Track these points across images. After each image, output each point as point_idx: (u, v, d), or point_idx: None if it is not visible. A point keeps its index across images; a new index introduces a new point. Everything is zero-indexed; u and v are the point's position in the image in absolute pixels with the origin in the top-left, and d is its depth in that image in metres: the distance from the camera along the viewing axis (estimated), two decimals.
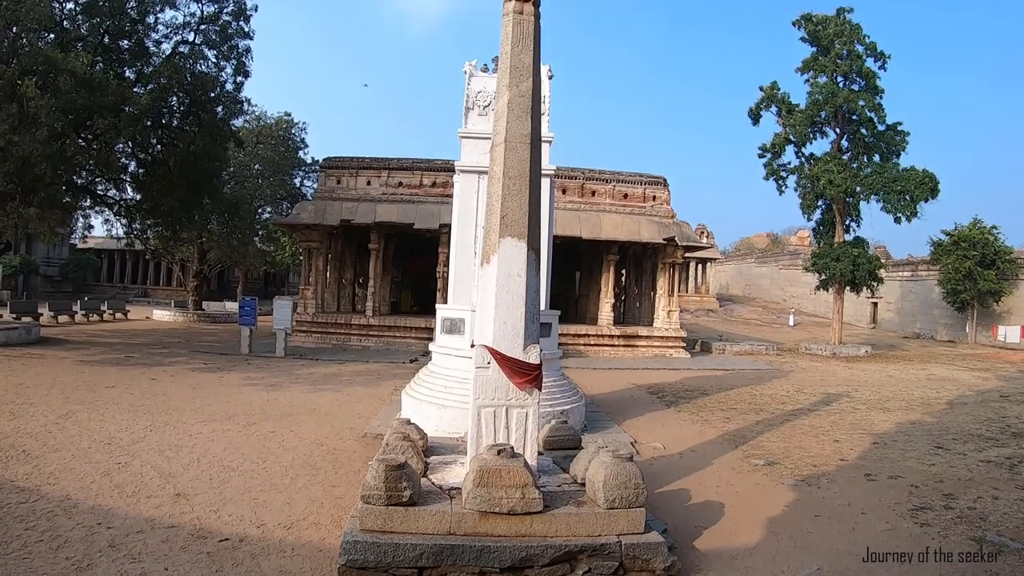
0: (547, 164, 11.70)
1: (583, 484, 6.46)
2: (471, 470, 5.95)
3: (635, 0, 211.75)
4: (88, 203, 26.08)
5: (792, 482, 8.80)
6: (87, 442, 9.65)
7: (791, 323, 46.24)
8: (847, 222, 31.70)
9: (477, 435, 6.44)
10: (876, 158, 30.94)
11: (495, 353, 6.41)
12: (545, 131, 11.84)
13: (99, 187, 24.84)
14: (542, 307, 8.85)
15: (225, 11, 24.35)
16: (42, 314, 28.77)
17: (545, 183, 10.82)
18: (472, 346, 6.70)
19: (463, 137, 12.42)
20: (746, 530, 7.01)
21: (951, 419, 13.98)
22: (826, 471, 9.42)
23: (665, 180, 28.60)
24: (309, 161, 44.19)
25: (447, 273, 14.26)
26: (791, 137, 31.93)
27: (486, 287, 6.76)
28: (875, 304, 47.94)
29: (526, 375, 6.43)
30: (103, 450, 9.27)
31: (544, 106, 12.07)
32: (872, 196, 29.75)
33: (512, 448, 6.10)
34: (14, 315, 26.89)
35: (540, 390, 6.59)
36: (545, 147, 11.93)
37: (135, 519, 6.75)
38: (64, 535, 6.25)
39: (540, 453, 7.10)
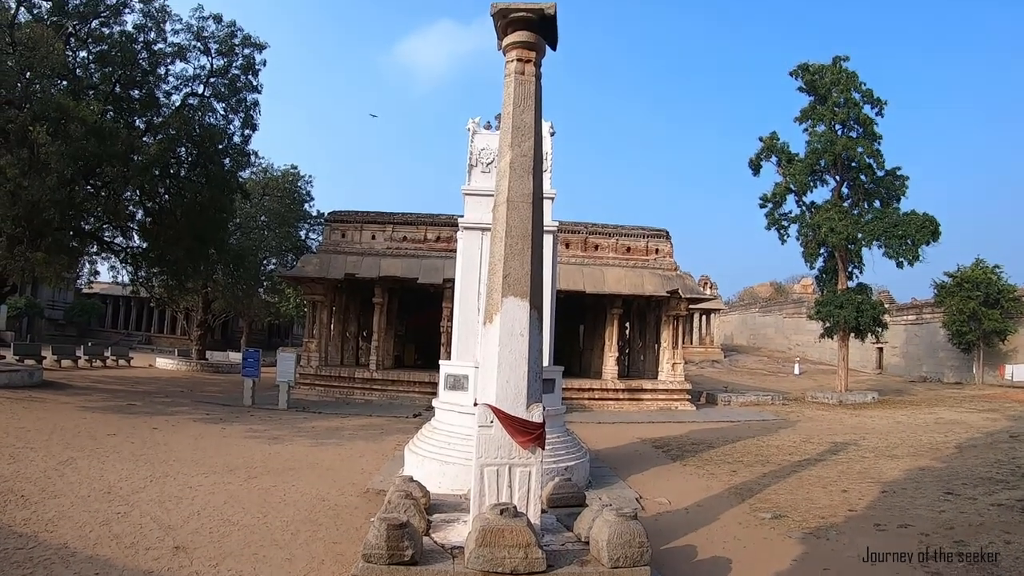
0: (549, 220, 11.82)
1: (587, 542, 6.43)
2: (473, 529, 5.93)
3: (637, 50, 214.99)
4: (95, 249, 26.28)
5: (800, 535, 8.70)
6: (87, 490, 9.59)
7: (797, 372, 46.09)
8: (849, 269, 31.81)
9: (480, 494, 6.41)
10: (876, 204, 31.24)
11: (498, 412, 6.43)
12: (547, 188, 11.96)
13: (106, 234, 25.07)
14: (545, 362, 8.85)
15: (234, 65, 24.89)
16: (45, 357, 28.68)
17: (548, 240, 10.93)
18: (475, 404, 6.71)
19: (467, 194, 12.56)
20: None
21: (960, 463, 13.86)
22: (834, 522, 9.31)
23: (667, 233, 28.77)
24: (314, 214, 44.70)
25: (451, 328, 14.29)
26: (791, 186, 32.28)
27: (489, 346, 6.79)
28: (880, 349, 47.78)
29: (529, 434, 6.44)
30: (103, 499, 9.21)
31: (546, 163, 12.21)
32: (874, 242, 29.93)
33: (515, 507, 6.07)
34: (17, 357, 26.89)
35: (543, 448, 6.59)
36: (547, 204, 12.04)
37: (133, 571, 6.69)
38: None
39: (544, 511, 7.07)
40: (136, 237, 25.57)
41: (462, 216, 12.59)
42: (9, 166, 17.47)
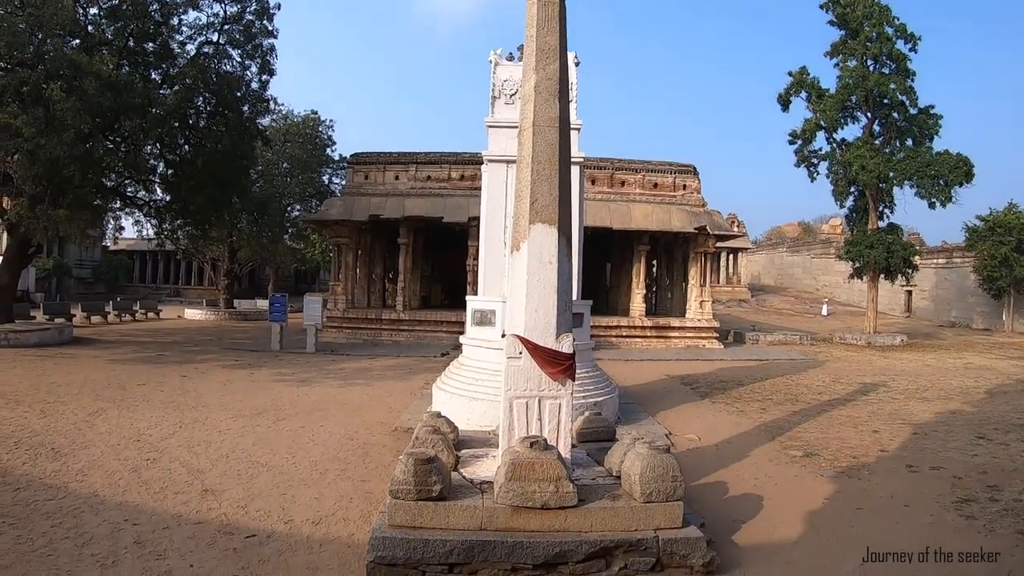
0: (576, 152, 11.50)
1: (618, 477, 6.28)
2: (503, 463, 5.80)
3: None
4: (118, 205, 26.28)
5: (831, 473, 8.60)
6: (116, 439, 9.64)
7: (824, 312, 45.58)
8: (880, 208, 31.07)
9: (509, 427, 6.26)
10: (909, 142, 30.27)
11: (527, 343, 6.23)
12: (573, 118, 11.59)
13: (128, 189, 25.01)
14: (574, 297, 8.66)
15: (248, 11, 24.42)
16: (75, 315, 28.90)
17: (574, 171, 10.61)
18: (503, 336, 6.52)
19: (490, 126, 12.26)
20: (786, 524, 6.81)
21: (991, 409, 13.61)
22: (866, 462, 9.19)
23: (695, 168, 28.29)
24: (337, 158, 44.29)
25: (477, 267, 14.14)
26: (822, 123, 31.40)
27: (516, 275, 6.57)
28: (909, 292, 46.96)
29: (559, 365, 6.24)
30: (132, 447, 9.25)
31: (571, 93, 11.86)
32: (905, 181, 29.10)
33: (545, 440, 5.93)
34: (47, 316, 27.12)
35: (574, 380, 6.41)
36: (573, 134, 11.67)
37: (162, 515, 6.70)
38: (90, 532, 6.19)
39: (573, 445, 6.89)
40: (158, 190, 25.46)
41: (486, 150, 12.34)
42: (25, 125, 17.27)
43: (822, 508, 7.29)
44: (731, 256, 56.96)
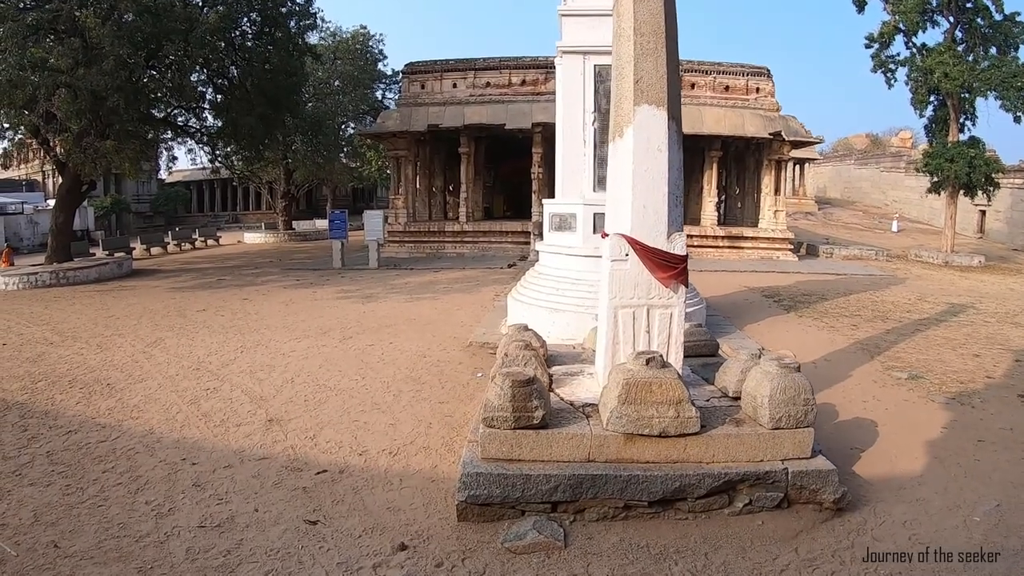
0: None
1: (735, 398, 5.57)
2: (612, 384, 5.03)
3: None
4: (169, 135, 25.89)
5: (943, 400, 7.88)
6: (175, 369, 9.24)
7: (895, 228, 43.69)
8: (961, 120, 29.04)
9: (613, 341, 5.53)
10: (992, 51, 28.08)
11: (634, 243, 5.42)
12: None
13: (179, 118, 24.64)
14: None
15: None
16: (134, 248, 28.83)
17: None
18: (604, 236, 5.68)
19: (563, 15, 11.20)
20: (907, 455, 6.17)
21: None
22: (975, 389, 8.44)
23: (769, 71, 26.73)
24: (389, 73, 43.60)
25: (542, 174, 13.32)
26: (900, 26, 29.18)
27: (619, 166, 5.72)
28: (983, 212, 44.27)
29: (671, 268, 5.45)
30: (191, 376, 8.84)
31: None
32: (989, 92, 27.05)
33: (661, 356, 5.15)
34: (107, 252, 27.02)
35: (686, 286, 5.62)
36: None
37: (223, 452, 6.23)
38: (145, 475, 5.72)
39: None
40: (209, 116, 25.11)
41: (559, 40, 11.36)
42: (62, 58, 16.86)
43: (941, 438, 6.64)
44: (797, 167, 54.69)
